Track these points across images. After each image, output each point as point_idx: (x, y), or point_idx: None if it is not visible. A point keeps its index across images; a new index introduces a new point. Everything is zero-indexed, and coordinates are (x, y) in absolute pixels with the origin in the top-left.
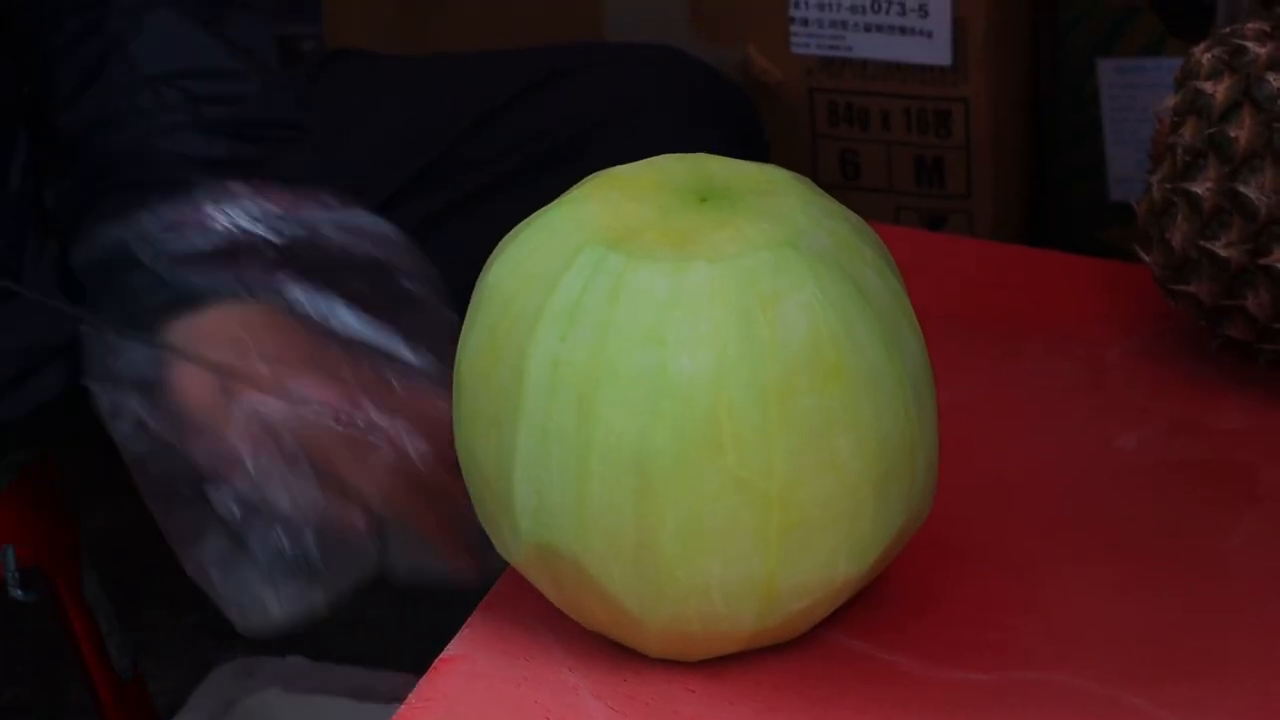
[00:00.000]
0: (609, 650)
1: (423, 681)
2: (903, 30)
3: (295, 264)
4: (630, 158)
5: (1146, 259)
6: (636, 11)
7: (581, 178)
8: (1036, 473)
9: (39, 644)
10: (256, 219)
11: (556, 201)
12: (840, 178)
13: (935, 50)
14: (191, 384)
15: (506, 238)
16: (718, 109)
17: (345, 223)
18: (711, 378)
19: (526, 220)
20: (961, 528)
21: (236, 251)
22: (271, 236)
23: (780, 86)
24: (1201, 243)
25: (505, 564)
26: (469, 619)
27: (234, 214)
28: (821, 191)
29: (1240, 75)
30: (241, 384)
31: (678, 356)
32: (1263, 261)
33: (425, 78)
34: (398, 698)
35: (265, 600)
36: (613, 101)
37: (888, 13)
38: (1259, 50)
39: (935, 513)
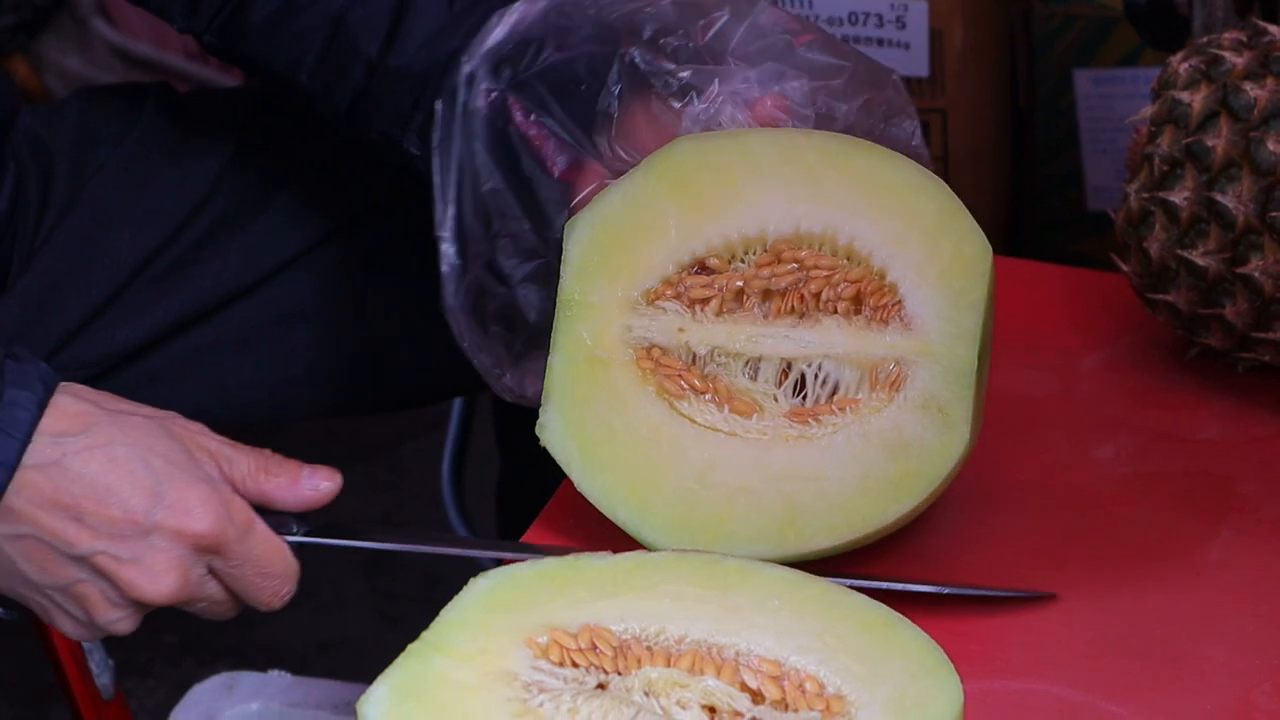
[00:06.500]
0: None
1: None
2: (879, 42)
3: None
4: None
5: (1124, 268)
6: None
7: None
8: (1015, 483)
9: (20, 663)
10: None
11: None
12: None
13: (912, 62)
14: None
15: None
16: None
17: None
18: None
19: None
20: (940, 538)
21: None
22: None
23: None
24: (1179, 251)
25: None
26: None
27: None
28: None
29: (1217, 85)
30: None
31: None
32: (1240, 270)
33: None
34: None
35: None
36: None
37: (864, 24)
38: (1235, 60)
39: (915, 522)
